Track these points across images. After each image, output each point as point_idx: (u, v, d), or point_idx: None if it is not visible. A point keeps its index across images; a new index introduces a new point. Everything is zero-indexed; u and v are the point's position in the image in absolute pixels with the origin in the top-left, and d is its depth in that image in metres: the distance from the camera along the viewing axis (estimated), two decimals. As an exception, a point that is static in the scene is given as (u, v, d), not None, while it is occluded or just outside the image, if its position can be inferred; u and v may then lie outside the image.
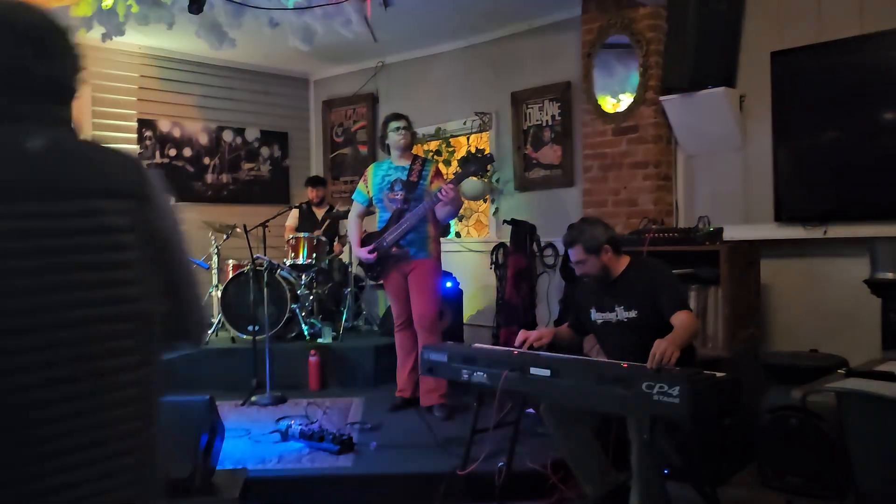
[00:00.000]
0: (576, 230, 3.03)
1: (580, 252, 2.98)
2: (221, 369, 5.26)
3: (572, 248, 3.01)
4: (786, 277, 4.25)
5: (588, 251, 2.96)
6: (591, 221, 3.12)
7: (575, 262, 3.02)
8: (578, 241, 2.98)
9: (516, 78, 5.91)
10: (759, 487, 3.34)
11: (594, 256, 2.97)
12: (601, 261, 2.98)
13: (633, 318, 2.94)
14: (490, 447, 3.07)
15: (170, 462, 2.80)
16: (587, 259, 2.97)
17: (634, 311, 2.94)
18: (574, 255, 3.01)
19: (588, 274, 3.03)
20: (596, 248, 2.96)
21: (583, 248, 2.97)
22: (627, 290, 2.97)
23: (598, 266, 2.99)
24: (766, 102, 4.24)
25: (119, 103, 6.38)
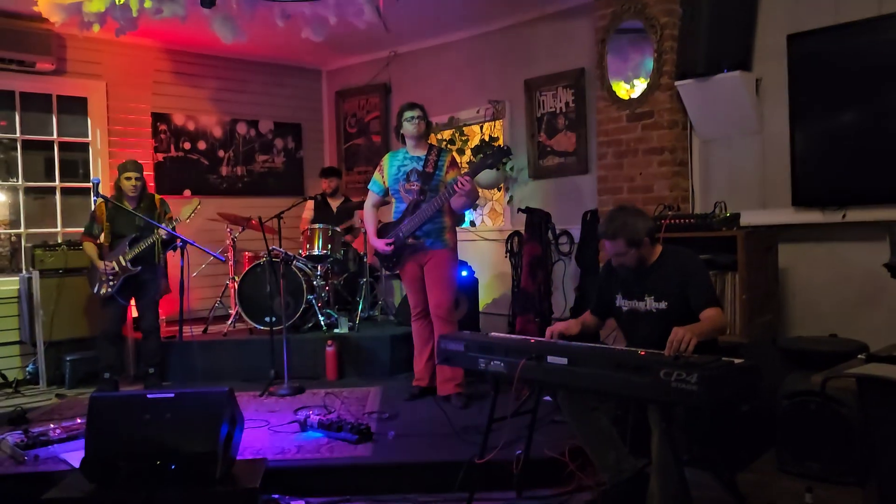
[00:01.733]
0: (618, 222, 2.91)
1: (622, 245, 2.89)
2: (240, 361, 5.31)
3: (614, 240, 2.90)
4: (804, 262, 4.21)
5: (630, 244, 2.89)
6: (633, 213, 2.98)
7: (614, 254, 2.94)
8: (621, 235, 2.88)
9: (529, 65, 5.88)
10: (778, 473, 3.33)
11: (635, 250, 2.90)
12: (640, 253, 2.92)
13: (663, 309, 2.90)
14: (508, 435, 3.07)
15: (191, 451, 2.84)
16: (627, 252, 2.90)
17: (664, 302, 2.90)
18: (614, 248, 2.92)
19: (624, 265, 2.96)
20: (638, 241, 2.89)
21: (625, 242, 2.88)
22: (659, 281, 2.92)
23: (636, 258, 2.93)
24: (782, 86, 4.19)
25: (134, 97, 6.42)
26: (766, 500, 2.93)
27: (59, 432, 3.73)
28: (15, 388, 5.33)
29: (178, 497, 2.82)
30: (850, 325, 3.90)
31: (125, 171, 4.90)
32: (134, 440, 2.88)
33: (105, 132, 6.24)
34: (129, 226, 4.87)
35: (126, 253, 4.77)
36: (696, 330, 2.53)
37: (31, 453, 3.48)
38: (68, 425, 3.83)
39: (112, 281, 4.77)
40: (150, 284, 4.92)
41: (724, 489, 2.73)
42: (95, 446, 2.89)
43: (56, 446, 3.59)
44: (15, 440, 3.60)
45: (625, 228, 2.88)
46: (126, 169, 4.91)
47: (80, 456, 2.91)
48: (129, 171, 4.89)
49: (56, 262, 5.50)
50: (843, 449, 3.15)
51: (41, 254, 5.47)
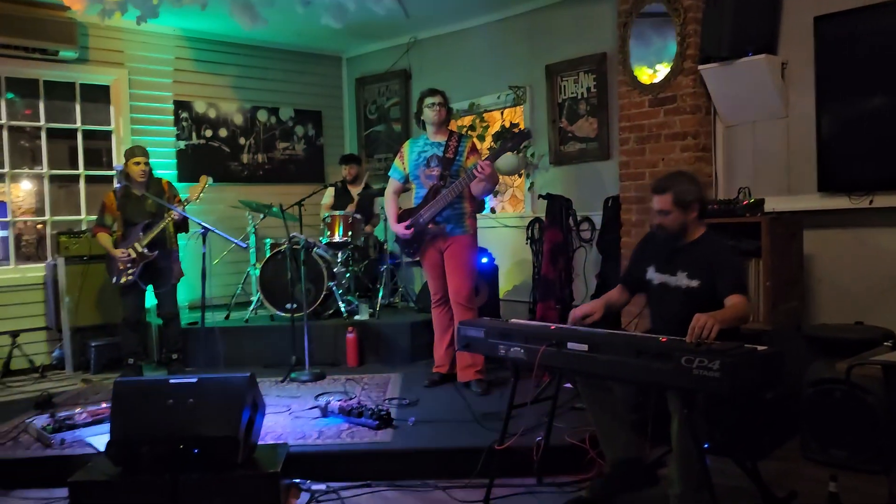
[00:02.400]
0: (670, 179, 2.89)
1: (668, 202, 2.84)
2: (261, 347, 5.35)
3: (662, 195, 2.85)
4: (830, 248, 4.14)
5: (677, 203, 2.83)
6: (690, 177, 2.95)
7: (658, 209, 2.88)
8: (671, 189, 2.83)
9: (550, 50, 5.82)
10: (802, 461, 3.30)
11: (680, 211, 2.84)
12: (685, 218, 2.86)
13: (694, 287, 2.86)
14: (528, 422, 3.08)
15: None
16: (672, 212, 2.85)
17: (697, 280, 2.85)
18: (660, 204, 2.86)
19: (664, 227, 2.90)
20: (686, 203, 2.84)
21: (673, 198, 2.83)
22: (695, 259, 2.87)
23: (679, 223, 2.87)
24: (809, 69, 4.11)
25: (155, 86, 6.46)
26: (790, 488, 2.90)
27: (84, 416, 3.79)
28: (41, 373, 5.42)
29: (200, 481, 2.86)
30: (876, 312, 3.84)
31: (133, 156, 4.90)
32: (157, 425, 2.92)
33: (127, 120, 6.28)
34: (140, 212, 4.89)
35: (140, 239, 4.80)
36: (719, 316, 2.49)
37: (58, 437, 3.54)
38: (93, 410, 3.88)
39: (131, 269, 4.81)
40: (165, 270, 4.95)
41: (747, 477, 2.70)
42: (119, 430, 2.93)
43: (81, 430, 3.65)
44: (42, 424, 3.66)
45: (676, 185, 2.85)
46: (134, 154, 4.91)
47: (104, 440, 2.95)
48: (138, 157, 4.90)
49: (80, 249, 5.57)
50: (868, 437, 3.11)
51: (66, 241, 5.54)
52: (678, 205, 2.84)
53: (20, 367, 5.47)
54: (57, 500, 3.10)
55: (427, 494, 3.11)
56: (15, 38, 5.50)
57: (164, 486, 2.85)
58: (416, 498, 3.08)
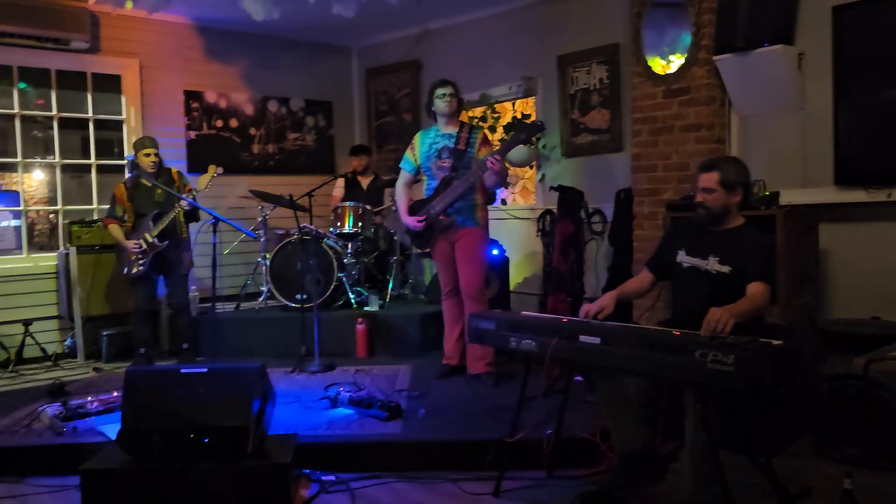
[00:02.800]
0: (719, 159, 2.97)
1: (714, 180, 2.87)
2: (271, 337, 5.35)
3: (709, 172, 2.89)
4: (846, 242, 4.09)
5: (723, 184, 2.86)
6: (738, 161, 3.03)
7: (703, 187, 2.90)
8: (718, 168, 2.88)
9: (562, 40, 5.77)
10: (816, 458, 3.27)
11: (724, 192, 2.87)
12: (727, 200, 2.89)
13: (724, 273, 2.85)
14: (538, 415, 3.06)
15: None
16: (716, 191, 2.87)
17: (728, 266, 2.85)
18: (705, 181, 2.89)
19: (706, 206, 2.91)
20: (732, 184, 2.87)
21: (720, 177, 2.87)
22: (729, 245, 2.88)
23: (721, 204, 2.89)
24: (826, 60, 4.05)
25: (166, 76, 6.46)
26: (803, 485, 2.87)
27: (96, 405, 3.80)
28: (54, 362, 5.45)
29: (210, 470, 2.86)
30: (893, 307, 3.79)
31: (143, 147, 4.90)
32: (168, 414, 2.93)
33: (139, 110, 6.29)
34: (150, 203, 4.89)
35: (151, 229, 4.81)
36: (735, 311, 2.46)
37: (70, 425, 3.55)
38: (105, 398, 3.90)
39: (142, 259, 4.82)
40: (176, 260, 4.96)
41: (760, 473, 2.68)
42: (131, 419, 2.93)
43: (93, 418, 3.66)
44: (54, 412, 3.68)
45: (725, 164, 2.90)
46: (144, 145, 4.90)
47: (116, 428, 2.96)
48: (148, 148, 4.89)
49: (92, 238, 5.58)
50: (885, 434, 3.07)
51: (78, 230, 5.56)
52: (723, 185, 2.87)
53: (33, 355, 5.50)
54: (68, 488, 3.11)
55: (437, 486, 3.10)
56: (27, 27, 5.50)
57: (174, 475, 2.85)
58: (425, 489, 3.07)
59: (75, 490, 2.98)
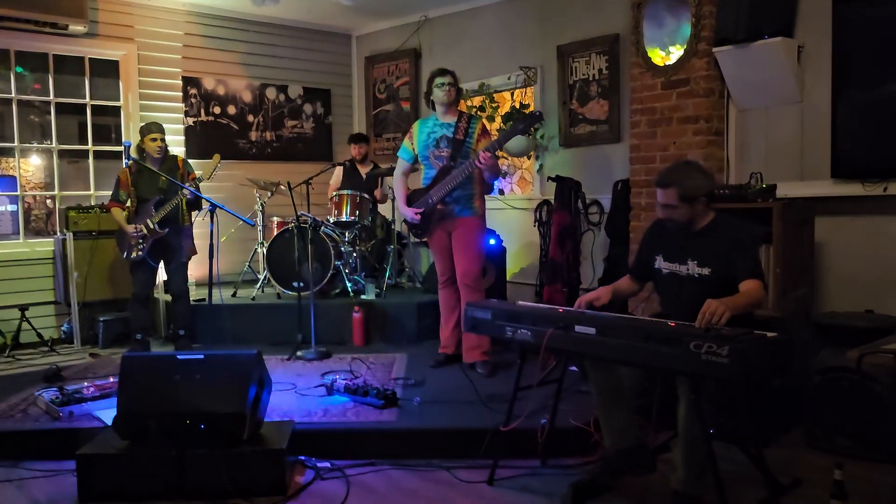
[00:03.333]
0: (676, 173, 2.81)
1: (673, 197, 2.77)
2: (268, 325, 5.36)
3: (665, 189, 2.78)
4: (842, 236, 4.11)
5: (683, 199, 2.77)
6: (696, 168, 2.87)
7: (663, 204, 2.82)
8: (675, 185, 2.76)
9: (562, 30, 5.76)
10: (807, 449, 3.29)
11: (687, 206, 2.78)
12: (692, 211, 2.80)
13: (705, 275, 2.81)
14: (533, 404, 3.07)
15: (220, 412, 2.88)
16: (679, 207, 2.79)
17: (708, 268, 2.80)
18: (665, 198, 2.80)
19: (672, 220, 2.84)
20: (692, 198, 2.77)
21: (678, 194, 2.76)
22: (706, 246, 2.82)
23: (688, 216, 2.81)
24: (825, 53, 4.05)
25: (164, 61, 6.43)
26: (795, 475, 2.90)
27: (92, 390, 3.81)
28: (50, 347, 5.46)
29: (206, 456, 2.87)
30: (887, 300, 3.81)
31: (149, 132, 4.88)
32: (164, 399, 2.94)
33: (136, 95, 6.26)
34: (154, 189, 4.88)
35: (153, 216, 4.80)
36: (731, 303, 2.46)
37: (66, 410, 3.56)
38: (101, 384, 3.91)
39: (142, 244, 4.82)
40: (177, 247, 4.95)
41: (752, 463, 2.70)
42: (127, 404, 2.95)
43: (89, 403, 3.67)
44: (50, 397, 3.69)
45: (682, 182, 2.76)
46: (150, 130, 4.89)
47: (112, 413, 2.97)
48: (154, 133, 4.87)
49: (89, 224, 5.58)
50: (876, 426, 3.10)
51: (75, 216, 5.55)
52: (684, 199, 2.77)
53: (29, 340, 5.51)
54: (64, 472, 3.13)
55: (431, 474, 3.12)
56: (25, 11, 5.47)
57: (170, 460, 2.87)
58: (420, 477, 3.09)
59: (71, 474, 3.00)
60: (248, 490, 2.86)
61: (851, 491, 2.57)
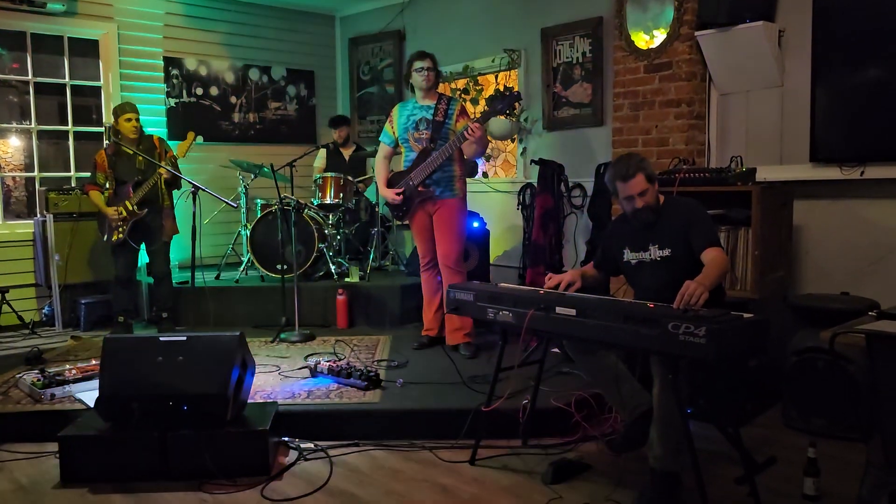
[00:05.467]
0: (630, 162, 2.87)
1: (643, 181, 2.85)
2: (251, 307, 5.36)
3: (633, 178, 2.84)
4: (819, 219, 4.16)
5: (650, 180, 2.86)
6: (636, 154, 2.98)
7: (638, 192, 2.86)
8: (640, 170, 2.84)
9: (546, 13, 5.75)
10: (783, 429, 3.36)
11: (651, 185, 2.88)
12: (655, 190, 2.90)
13: (667, 256, 2.90)
14: (515, 385, 3.11)
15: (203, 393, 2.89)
16: (649, 189, 2.87)
17: (668, 249, 2.90)
18: (637, 187, 2.85)
19: (648, 206, 2.90)
20: (653, 177, 2.88)
21: (645, 176, 2.85)
22: (661, 228, 2.92)
23: (655, 196, 2.91)
24: (805, 37, 4.08)
25: (145, 41, 6.36)
26: (770, 454, 2.96)
27: (74, 373, 3.80)
28: (31, 330, 5.43)
29: (189, 437, 2.89)
30: (862, 283, 3.87)
31: (123, 112, 4.83)
32: (147, 381, 2.94)
33: (117, 76, 6.19)
34: (131, 170, 4.84)
35: (131, 197, 4.77)
36: (707, 282, 2.51)
37: (48, 392, 3.55)
38: (83, 366, 3.90)
39: (122, 227, 4.79)
40: (157, 228, 4.93)
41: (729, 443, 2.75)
42: (109, 386, 2.95)
43: (71, 386, 3.66)
44: (32, 379, 3.68)
45: (640, 166, 2.86)
46: (124, 111, 4.84)
47: (94, 396, 2.98)
48: (129, 113, 4.83)
49: (70, 206, 5.53)
50: (849, 405, 3.16)
51: (55, 198, 5.50)
52: (650, 180, 2.88)
53: (9, 322, 5.47)
54: (46, 454, 3.13)
55: (414, 454, 3.15)
56: (1, -12, 5.39)
57: (153, 441, 2.88)
58: (402, 457, 3.13)
59: (53, 456, 3.00)
60: (231, 471, 2.88)
61: (824, 468, 2.64)
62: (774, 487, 2.72)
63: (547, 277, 3.07)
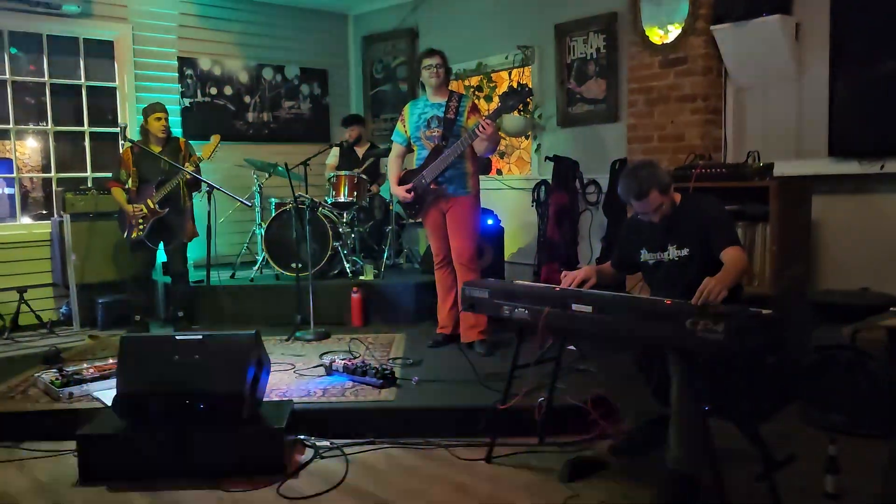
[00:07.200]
0: (642, 176, 2.79)
1: (657, 197, 2.79)
2: (266, 306, 5.37)
3: (648, 196, 2.78)
4: (838, 214, 4.11)
5: (663, 192, 2.80)
6: (650, 164, 2.91)
7: (653, 208, 2.82)
8: (654, 186, 2.77)
9: (560, 9, 5.72)
10: (802, 425, 3.32)
11: (668, 197, 2.83)
12: (672, 199, 2.86)
13: (685, 256, 2.86)
14: (531, 383, 3.09)
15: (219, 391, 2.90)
16: (664, 201, 2.82)
17: (686, 248, 2.85)
18: (652, 204, 2.80)
19: (665, 216, 2.86)
20: (668, 186, 2.82)
21: (659, 191, 2.78)
22: (680, 228, 2.87)
23: (671, 205, 2.86)
24: (823, 30, 4.03)
25: (160, 41, 6.39)
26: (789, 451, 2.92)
27: (91, 371, 3.83)
28: (49, 329, 5.48)
29: (206, 436, 2.90)
30: (883, 278, 3.82)
31: (154, 112, 4.89)
32: (163, 380, 2.95)
33: (132, 76, 6.23)
34: (155, 169, 4.88)
35: (153, 196, 4.81)
36: (727, 280, 2.48)
37: (66, 391, 3.58)
38: (101, 365, 3.93)
39: (142, 225, 4.83)
40: (177, 228, 4.96)
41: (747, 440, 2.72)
42: (126, 385, 2.96)
43: (89, 384, 3.69)
44: (50, 378, 3.71)
45: (654, 178, 2.79)
46: (154, 110, 4.90)
47: (112, 394, 2.99)
48: (159, 112, 4.90)
49: (86, 206, 5.57)
50: (870, 402, 3.12)
51: (72, 198, 5.54)
52: (664, 193, 2.81)
53: (28, 322, 5.52)
54: (65, 453, 3.15)
55: (429, 452, 3.15)
56: (17, -10, 5.44)
57: (169, 440, 2.89)
58: (418, 455, 3.12)
59: (72, 455, 3.02)
60: (247, 469, 2.89)
61: (844, 466, 2.60)
62: (795, 485, 2.68)
63: (562, 275, 3.05)
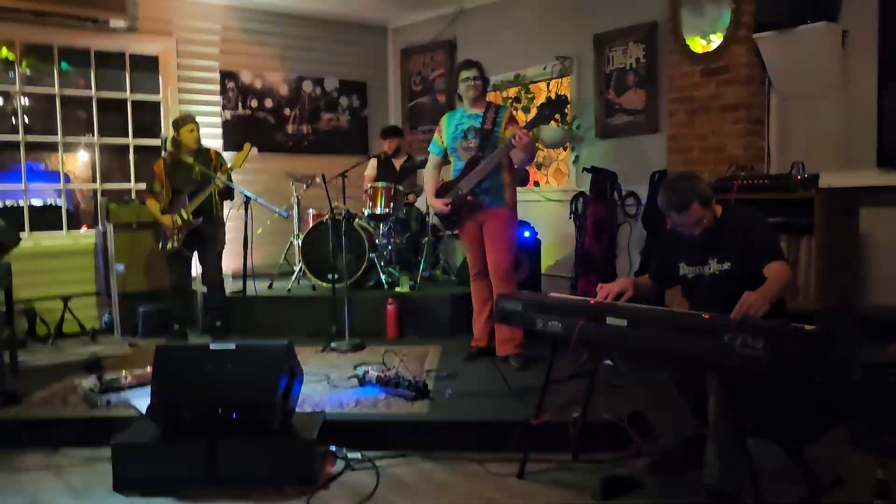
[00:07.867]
0: (682, 188, 2.75)
1: (698, 209, 2.74)
2: (302, 317, 5.39)
3: (689, 208, 2.73)
4: (888, 227, 3.96)
5: (705, 205, 2.75)
6: (690, 176, 2.86)
7: (694, 221, 2.76)
8: (694, 199, 2.72)
9: (599, 19, 5.67)
10: (850, 447, 3.19)
11: (708, 209, 2.77)
12: (713, 211, 2.80)
13: (727, 270, 2.77)
14: (565, 398, 3.04)
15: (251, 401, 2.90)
16: (705, 214, 2.76)
17: (728, 263, 2.77)
18: (693, 215, 2.75)
19: (706, 229, 2.80)
20: (709, 199, 2.76)
21: (700, 203, 2.73)
22: (721, 242, 2.79)
23: (712, 217, 2.79)
24: (871, 38, 3.91)
25: (202, 55, 6.51)
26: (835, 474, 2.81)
27: (129, 380, 3.88)
28: (92, 337, 5.58)
29: (238, 445, 2.90)
30: (936, 294, 3.67)
31: (186, 123, 4.97)
32: (197, 389, 2.97)
33: (175, 90, 6.36)
34: (188, 180, 4.95)
35: (187, 206, 4.88)
36: (768, 294, 2.39)
37: (104, 398, 3.63)
38: (139, 373, 3.97)
39: (177, 235, 4.90)
40: (211, 238, 5.02)
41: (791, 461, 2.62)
42: (161, 394, 2.99)
43: (126, 392, 3.73)
44: (89, 385, 3.77)
45: (694, 192, 2.73)
46: (186, 122, 4.98)
47: (147, 402, 3.02)
48: (191, 124, 4.97)
49: (129, 216, 5.68)
50: (923, 424, 2.98)
51: (115, 208, 5.66)
52: (705, 204, 2.75)
53: (71, 330, 5.64)
54: (100, 460, 3.19)
55: (461, 466, 3.10)
56: (67, 6, 5.60)
57: (202, 449, 2.90)
58: (450, 469, 3.08)
59: (108, 462, 3.05)
60: (278, 479, 2.89)
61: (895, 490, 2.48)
62: (841, 510, 2.57)
63: (598, 287, 2.98)
